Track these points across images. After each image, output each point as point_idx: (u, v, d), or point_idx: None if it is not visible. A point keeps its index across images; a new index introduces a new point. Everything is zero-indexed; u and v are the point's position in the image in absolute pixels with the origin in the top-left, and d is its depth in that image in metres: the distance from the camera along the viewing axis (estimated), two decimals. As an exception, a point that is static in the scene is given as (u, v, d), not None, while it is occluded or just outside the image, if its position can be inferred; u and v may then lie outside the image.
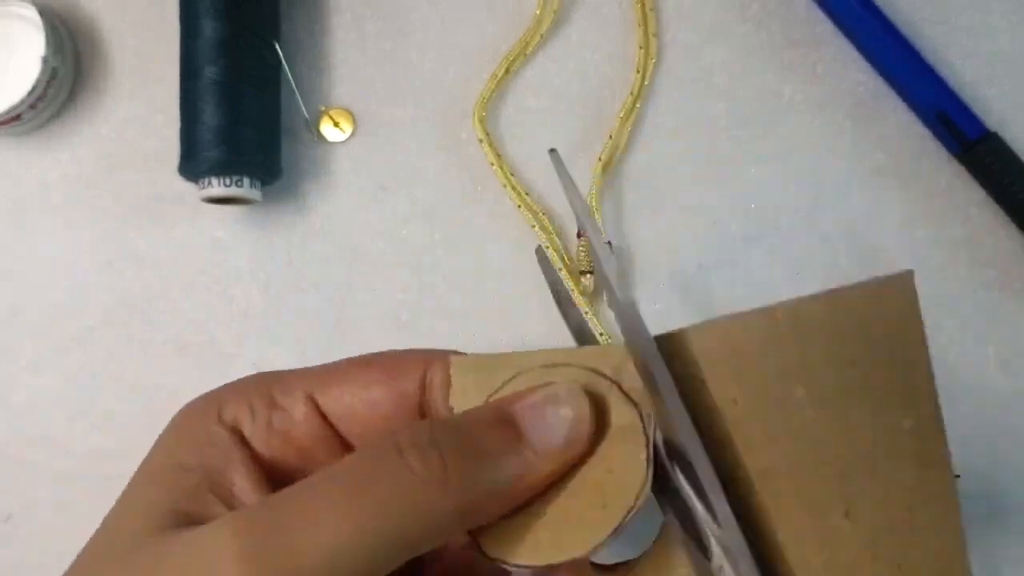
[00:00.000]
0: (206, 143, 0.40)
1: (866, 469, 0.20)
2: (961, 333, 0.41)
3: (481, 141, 0.42)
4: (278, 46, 0.42)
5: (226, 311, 0.43)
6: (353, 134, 0.44)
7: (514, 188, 0.42)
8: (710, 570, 0.21)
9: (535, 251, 0.30)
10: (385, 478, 0.21)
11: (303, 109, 0.43)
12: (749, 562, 0.20)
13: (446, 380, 0.25)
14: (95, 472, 0.41)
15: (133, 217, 0.43)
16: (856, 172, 0.42)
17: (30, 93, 0.41)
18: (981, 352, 0.40)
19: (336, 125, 0.43)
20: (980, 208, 0.41)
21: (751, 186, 0.42)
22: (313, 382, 0.26)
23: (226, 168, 0.40)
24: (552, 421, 0.22)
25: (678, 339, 0.22)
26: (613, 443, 0.22)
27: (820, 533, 0.20)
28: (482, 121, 0.43)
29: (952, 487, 0.20)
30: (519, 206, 0.42)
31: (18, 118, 0.42)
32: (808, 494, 0.21)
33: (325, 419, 0.25)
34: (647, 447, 0.22)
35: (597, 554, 0.22)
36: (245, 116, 0.40)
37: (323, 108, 0.44)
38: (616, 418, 0.23)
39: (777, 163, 0.42)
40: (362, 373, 0.26)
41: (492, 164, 0.42)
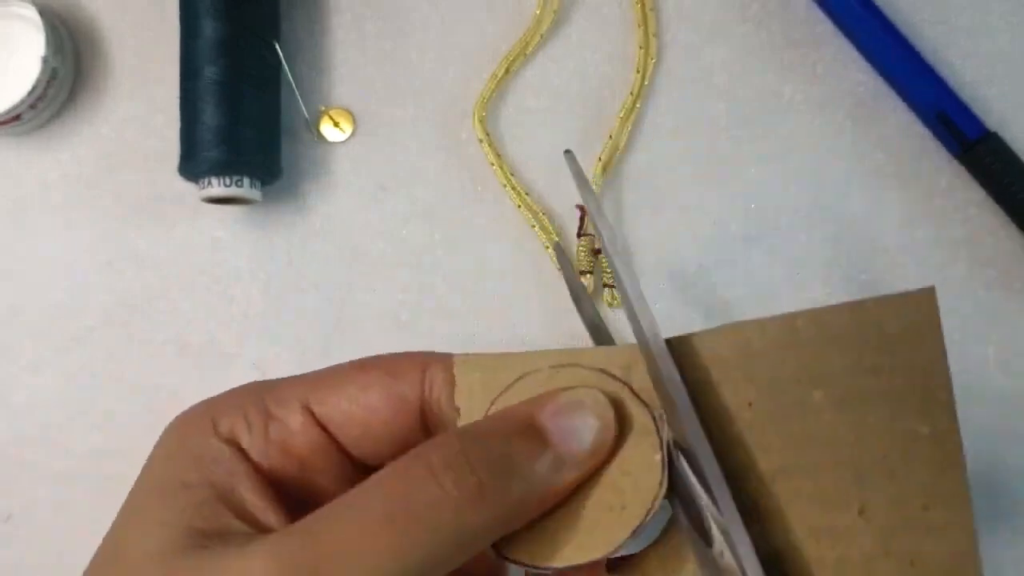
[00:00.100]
0: (206, 143, 0.40)
1: (882, 470, 0.21)
2: (961, 333, 0.40)
3: (481, 141, 0.42)
4: (278, 46, 0.42)
5: (226, 311, 0.43)
6: (353, 134, 0.44)
7: (514, 188, 0.42)
8: (712, 557, 0.21)
9: (553, 247, 0.30)
10: (420, 500, 0.20)
11: (303, 109, 0.43)
12: (747, 544, 0.20)
13: (448, 381, 0.24)
14: (95, 472, 0.41)
15: (133, 217, 0.43)
16: (856, 172, 0.42)
17: (30, 93, 0.41)
18: (981, 352, 0.40)
19: (336, 125, 0.43)
20: (980, 208, 0.41)
21: (751, 186, 0.42)
22: (308, 390, 0.25)
23: (226, 168, 0.40)
24: (578, 428, 0.22)
25: (691, 342, 0.23)
26: (628, 445, 0.23)
27: (834, 530, 0.21)
28: (482, 121, 0.43)
29: (966, 488, 0.20)
30: (519, 206, 0.42)
31: (18, 118, 0.42)
32: (823, 493, 0.21)
33: (322, 427, 0.25)
34: (661, 448, 0.22)
35: (614, 553, 0.22)
36: (245, 116, 0.40)
37: (323, 108, 0.44)
38: (630, 419, 0.23)
39: (777, 163, 0.42)
40: (358, 378, 0.25)
41: (492, 164, 0.42)
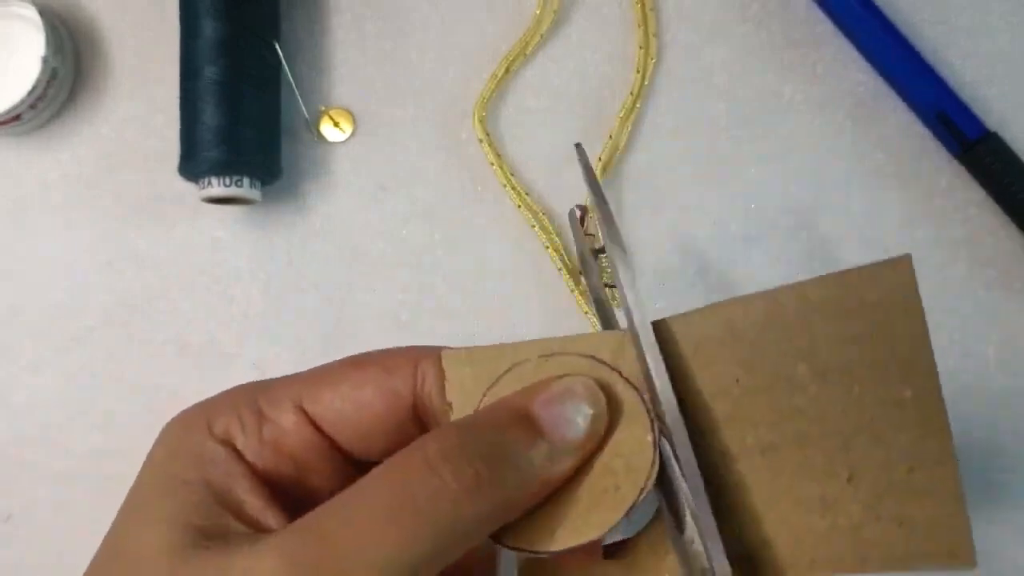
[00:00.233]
0: (206, 143, 0.40)
1: (868, 437, 0.21)
2: (961, 333, 0.40)
3: (481, 141, 0.42)
4: (278, 46, 0.42)
5: (226, 311, 0.43)
6: (353, 134, 0.44)
7: (514, 188, 0.42)
8: (684, 544, 0.22)
9: (568, 214, 0.30)
10: (421, 495, 0.21)
11: (303, 109, 0.43)
12: (713, 527, 0.21)
13: (439, 375, 0.25)
14: (95, 472, 0.41)
15: (133, 217, 0.43)
16: (856, 172, 0.42)
17: (30, 93, 0.41)
18: (981, 352, 0.40)
19: (336, 125, 0.43)
20: (980, 208, 0.41)
21: (751, 186, 0.42)
22: (300, 390, 0.25)
23: (226, 168, 0.40)
24: (571, 417, 0.22)
25: (678, 322, 0.23)
26: (620, 428, 0.23)
27: (824, 499, 0.21)
28: (482, 121, 0.43)
29: (951, 450, 0.20)
30: (519, 206, 0.42)
31: (18, 118, 0.42)
32: (812, 464, 0.22)
33: (316, 426, 0.25)
34: (652, 430, 0.23)
35: (609, 535, 0.23)
36: (245, 116, 0.40)
37: (323, 108, 0.44)
38: (620, 403, 0.23)
39: (777, 163, 0.42)
40: (350, 375, 0.25)
41: (492, 164, 0.42)
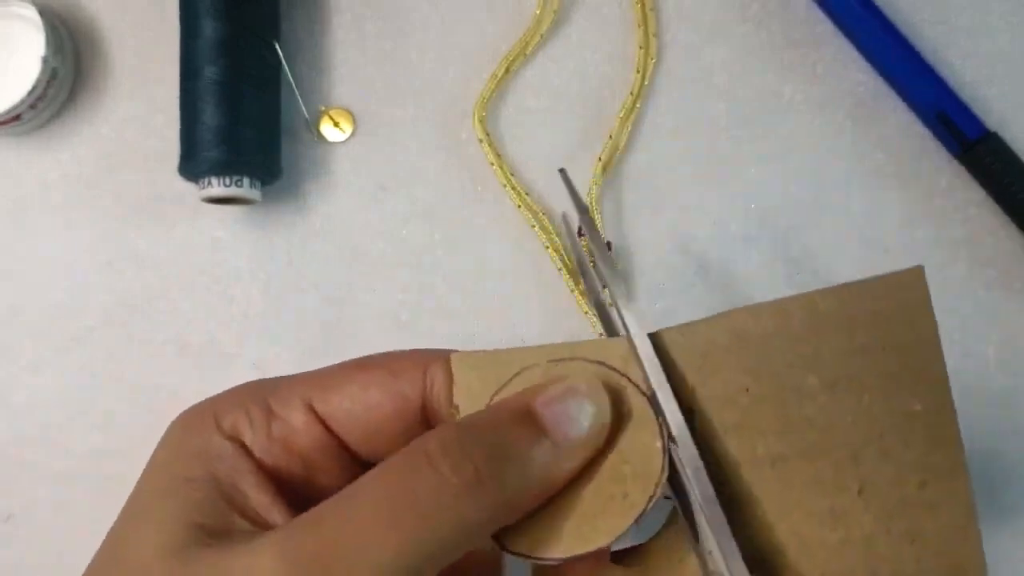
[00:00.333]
0: (206, 143, 0.40)
1: (879, 450, 0.21)
2: (961, 333, 0.40)
3: (481, 141, 0.42)
4: (278, 46, 0.42)
5: (226, 311, 0.43)
6: (353, 134, 0.44)
7: (514, 188, 0.42)
8: (702, 552, 0.22)
9: (561, 218, 0.30)
10: (421, 491, 0.21)
11: (303, 109, 0.43)
12: (728, 534, 0.21)
13: (448, 379, 0.25)
14: (95, 472, 0.41)
15: (133, 217, 0.43)
16: (856, 172, 0.42)
17: (30, 93, 0.41)
18: (981, 352, 0.40)
19: (336, 125, 0.43)
20: (980, 208, 0.41)
21: (751, 186, 0.42)
22: (310, 388, 0.25)
23: (226, 168, 0.40)
24: (574, 415, 0.22)
25: (686, 331, 0.23)
26: (628, 434, 0.23)
27: (835, 512, 0.21)
28: (482, 121, 0.43)
29: (963, 464, 0.20)
30: (519, 206, 0.42)
31: (18, 118, 0.42)
32: (822, 476, 0.21)
33: (325, 425, 0.25)
34: (661, 436, 0.22)
35: (618, 542, 0.22)
36: (245, 116, 0.40)
37: (323, 108, 0.44)
38: (629, 409, 0.23)
39: (777, 163, 0.42)
40: (360, 376, 0.25)
41: (492, 164, 0.42)
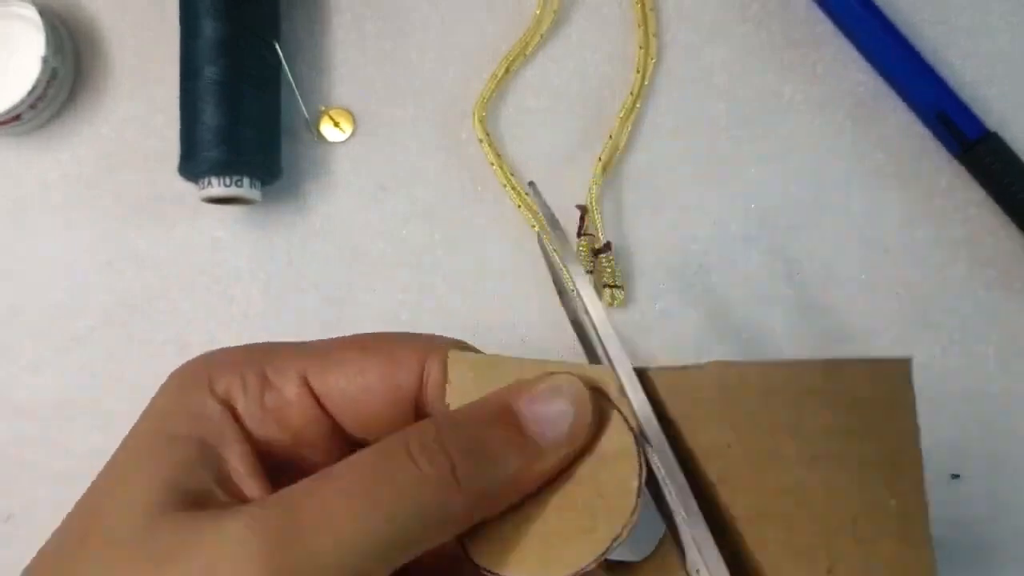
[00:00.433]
0: (206, 143, 0.40)
1: (850, 533, 0.21)
2: (961, 333, 0.40)
3: (481, 141, 0.42)
4: (278, 46, 0.42)
5: (226, 311, 0.43)
6: (353, 134, 0.44)
7: (514, 188, 0.42)
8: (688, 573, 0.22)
9: (537, 239, 0.30)
10: (396, 479, 0.21)
11: (303, 109, 0.43)
12: (714, 554, 0.21)
13: (443, 379, 0.25)
14: (95, 472, 0.41)
15: (133, 217, 0.43)
16: (856, 172, 0.42)
17: (30, 93, 0.41)
18: (981, 352, 0.40)
19: (336, 125, 0.43)
20: (980, 208, 0.41)
21: (751, 186, 0.42)
22: (308, 362, 0.25)
23: (226, 168, 0.40)
24: (555, 415, 0.22)
25: (679, 376, 0.23)
26: (606, 467, 0.22)
27: None
28: (482, 121, 0.43)
29: (932, 565, 0.20)
30: (519, 206, 0.42)
31: (18, 118, 0.42)
32: (795, 545, 0.21)
33: (318, 401, 0.25)
34: (639, 476, 0.22)
35: (617, 554, 0.22)
36: (245, 116, 0.40)
37: (323, 108, 0.44)
38: (611, 442, 0.23)
39: (777, 163, 0.42)
40: (359, 358, 0.25)
41: (492, 164, 0.42)
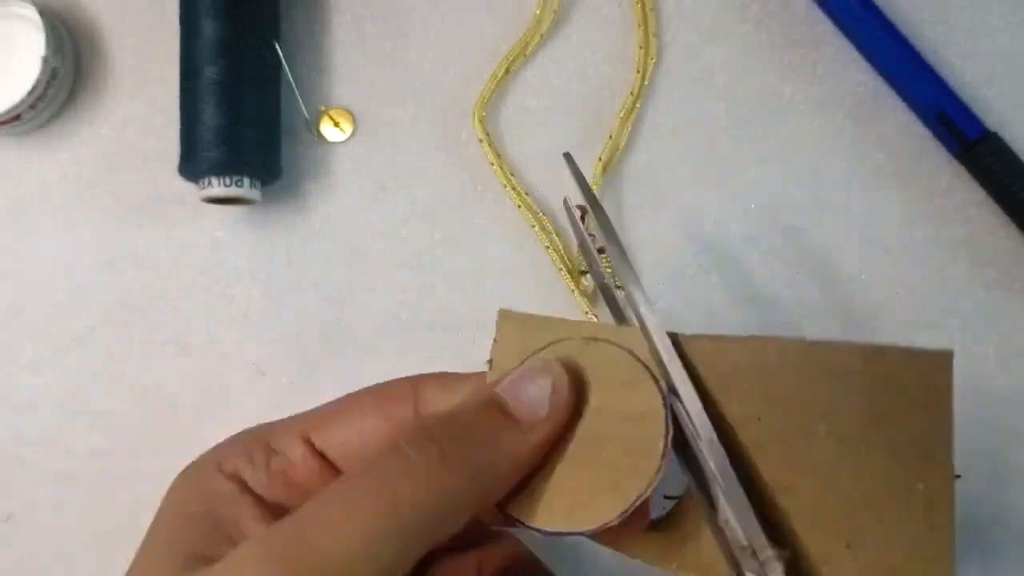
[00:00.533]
0: (206, 143, 0.40)
1: (873, 515, 0.21)
2: (961, 333, 0.41)
3: (481, 141, 0.42)
4: (278, 46, 0.42)
5: (226, 311, 0.43)
6: (353, 134, 0.44)
7: (514, 188, 0.42)
8: (718, 524, 0.22)
9: (563, 203, 0.31)
10: (391, 475, 0.22)
11: (303, 109, 0.43)
12: (746, 505, 0.22)
13: (439, 397, 0.27)
14: (95, 472, 0.41)
15: (133, 217, 0.43)
16: (856, 172, 0.42)
17: (30, 93, 0.41)
18: (981, 352, 0.40)
19: (336, 125, 0.43)
20: (980, 208, 0.41)
21: (751, 186, 0.42)
22: (306, 424, 0.27)
23: (226, 168, 0.40)
24: (533, 394, 0.24)
25: (714, 345, 0.23)
26: (634, 427, 0.23)
27: (823, 553, 0.21)
28: (482, 121, 0.43)
29: (951, 551, 0.20)
30: (519, 206, 0.42)
31: (18, 118, 0.42)
32: (817, 519, 0.22)
33: (323, 457, 0.27)
34: (665, 436, 0.22)
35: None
36: (245, 116, 0.40)
37: (323, 108, 0.44)
38: (640, 403, 0.23)
39: (777, 163, 0.42)
40: (354, 405, 0.27)
41: (492, 164, 0.42)
